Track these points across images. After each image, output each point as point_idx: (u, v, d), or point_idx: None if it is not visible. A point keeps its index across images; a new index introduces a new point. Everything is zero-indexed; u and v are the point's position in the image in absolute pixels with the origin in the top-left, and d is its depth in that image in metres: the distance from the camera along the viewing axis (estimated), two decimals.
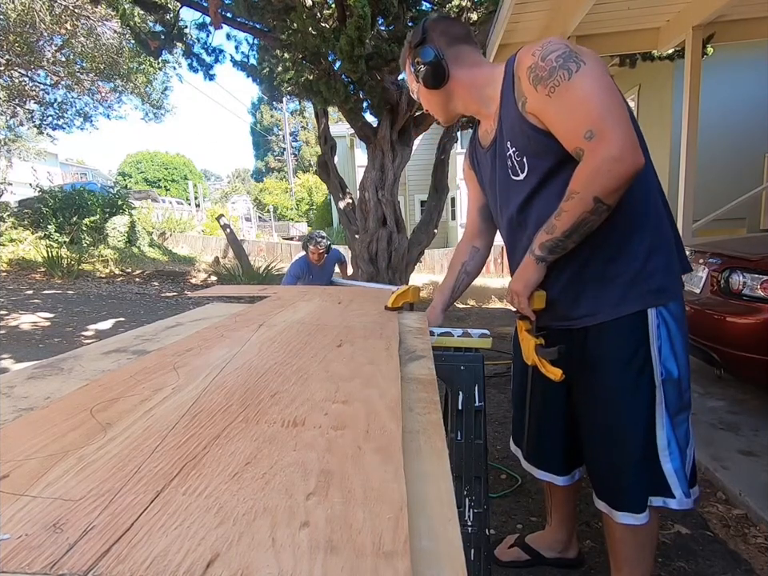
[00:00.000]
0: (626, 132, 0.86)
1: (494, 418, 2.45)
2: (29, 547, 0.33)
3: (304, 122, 31.04)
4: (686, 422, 1.05)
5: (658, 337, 1.00)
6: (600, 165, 0.87)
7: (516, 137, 1.02)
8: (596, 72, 0.89)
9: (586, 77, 0.88)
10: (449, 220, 15.19)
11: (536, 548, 1.43)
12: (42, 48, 9.29)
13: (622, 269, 1.00)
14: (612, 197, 0.89)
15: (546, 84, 0.91)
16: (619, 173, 0.86)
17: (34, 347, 3.78)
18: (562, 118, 0.92)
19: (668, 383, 1.01)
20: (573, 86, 0.88)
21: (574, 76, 0.88)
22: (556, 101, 0.91)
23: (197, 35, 5.44)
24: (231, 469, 0.45)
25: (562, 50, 0.90)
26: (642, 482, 1.04)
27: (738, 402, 2.40)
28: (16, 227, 8.54)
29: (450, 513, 0.40)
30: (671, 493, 1.02)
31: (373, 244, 5.23)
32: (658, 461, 1.02)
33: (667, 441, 1.01)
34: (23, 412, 0.60)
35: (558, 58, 0.90)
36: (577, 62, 0.89)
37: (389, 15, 4.23)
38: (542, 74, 0.91)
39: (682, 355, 1.02)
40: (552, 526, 1.42)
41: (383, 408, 0.59)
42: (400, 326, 1.06)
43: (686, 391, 1.04)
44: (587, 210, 0.90)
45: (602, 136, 0.86)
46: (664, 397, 1.01)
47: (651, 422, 1.02)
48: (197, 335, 0.99)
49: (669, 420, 1.01)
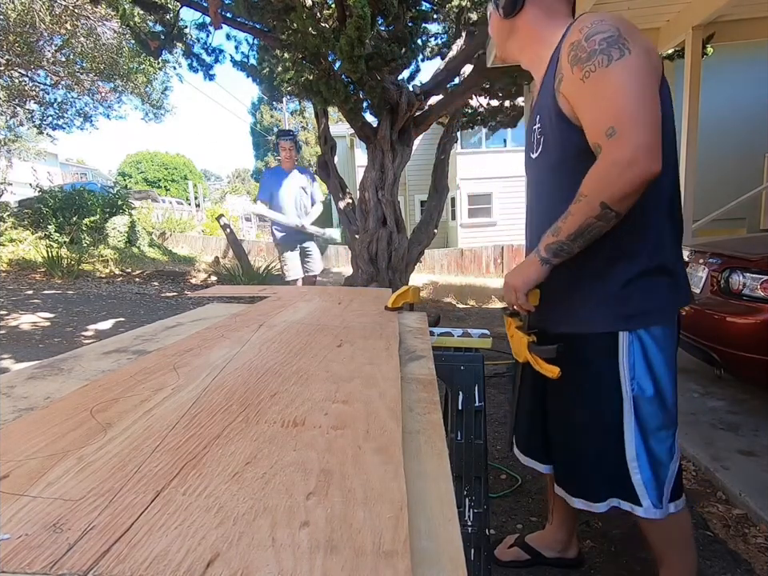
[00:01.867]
0: (647, 135, 0.80)
1: (494, 418, 2.45)
2: (29, 547, 0.33)
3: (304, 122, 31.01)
4: (671, 438, 1.02)
5: (630, 354, 0.97)
6: (611, 167, 0.82)
7: (543, 113, 0.97)
8: (638, 64, 0.82)
9: (625, 68, 0.82)
10: (449, 220, 15.20)
11: (536, 547, 1.43)
12: (42, 48, 9.29)
13: (599, 290, 0.98)
14: (620, 204, 0.84)
15: (582, 66, 0.85)
16: (629, 178, 0.81)
17: (34, 347, 3.78)
18: (590, 107, 0.86)
19: (641, 399, 0.98)
20: (608, 75, 0.82)
21: (613, 64, 0.82)
22: (588, 87, 0.85)
23: (197, 35, 5.44)
24: (231, 469, 0.45)
25: (611, 33, 0.83)
26: (598, 473, 1.05)
27: (738, 401, 2.40)
28: (16, 227, 8.54)
29: (450, 513, 0.40)
30: (638, 501, 1.02)
31: (373, 244, 5.23)
32: (627, 470, 1.01)
33: (635, 453, 1.00)
34: (23, 412, 0.60)
35: (602, 40, 0.83)
36: (621, 49, 0.82)
37: (389, 15, 4.23)
38: (581, 55, 0.85)
39: (664, 375, 0.99)
40: (552, 525, 1.42)
41: (383, 408, 0.59)
42: (400, 326, 1.06)
43: (670, 409, 1.01)
44: (593, 215, 0.86)
45: (621, 135, 0.81)
46: (634, 411, 0.99)
47: (615, 431, 1.00)
48: (197, 335, 0.99)
49: (639, 434, 1.00)
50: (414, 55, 4.69)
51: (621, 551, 1.46)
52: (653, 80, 0.84)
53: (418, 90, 5.04)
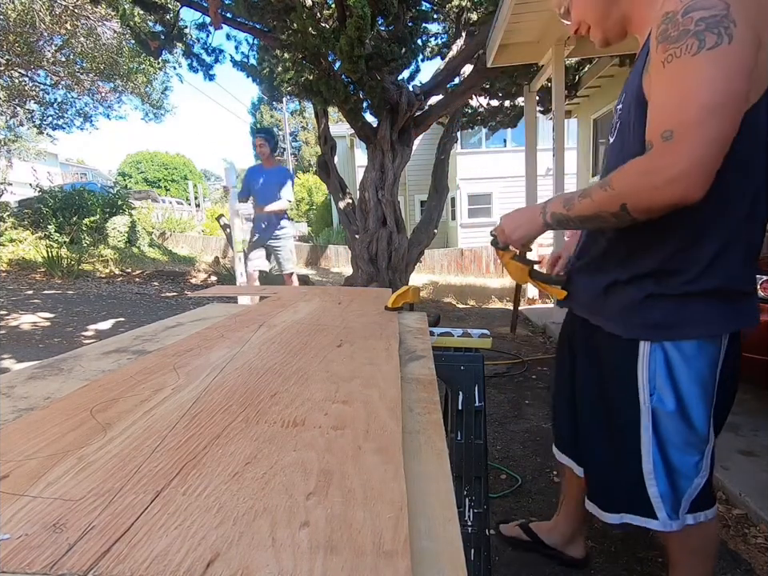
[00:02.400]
0: (705, 155, 0.68)
1: (494, 418, 2.45)
2: (29, 547, 0.33)
3: (304, 122, 31.02)
4: (698, 455, 0.95)
5: (649, 363, 0.91)
6: (650, 174, 0.72)
7: (627, 95, 0.85)
8: (734, 59, 0.67)
9: (715, 62, 0.67)
10: (449, 220, 15.19)
11: (538, 533, 1.44)
12: (42, 48, 9.29)
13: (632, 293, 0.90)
14: (641, 214, 0.77)
15: (667, 47, 0.71)
16: (663, 195, 0.72)
17: (34, 347, 3.78)
18: (660, 97, 0.74)
19: (661, 413, 0.92)
20: (692, 66, 0.68)
21: (703, 53, 0.67)
22: (667, 73, 0.71)
23: (197, 35, 5.45)
24: (231, 469, 0.45)
25: (716, 12, 0.67)
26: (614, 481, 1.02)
27: (738, 402, 2.39)
28: (16, 227, 8.53)
29: (450, 513, 0.40)
30: (654, 514, 0.97)
31: (373, 244, 5.23)
32: (643, 482, 0.97)
33: (653, 465, 0.95)
34: (23, 412, 0.60)
35: (702, 19, 0.67)
36: (720, 34, 0.66)
37: (389, 15, 4.23)
38: (671, 33, 0.70)
39: (691, 393, 0.90)
40: (559, 516, 1.42)
41: (383, 408, 0.59)
42: (400, 326, 1.06)
43: (699, 428, 0.92)
44: (610, 210, 0.79)
45: (678, 145, 0.69)
46: (653, 424, 0.93)
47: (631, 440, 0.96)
48: (197, 335, 0.99)
49: (657, 447, 0.94)
50: (414, 55, 4.70)
51: (621, 551, 1.46)
52: (746, 80, 0.69)
53: (417, 90, 5.04)
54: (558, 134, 4.24)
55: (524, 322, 4.83)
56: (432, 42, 6.09)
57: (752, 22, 0.68)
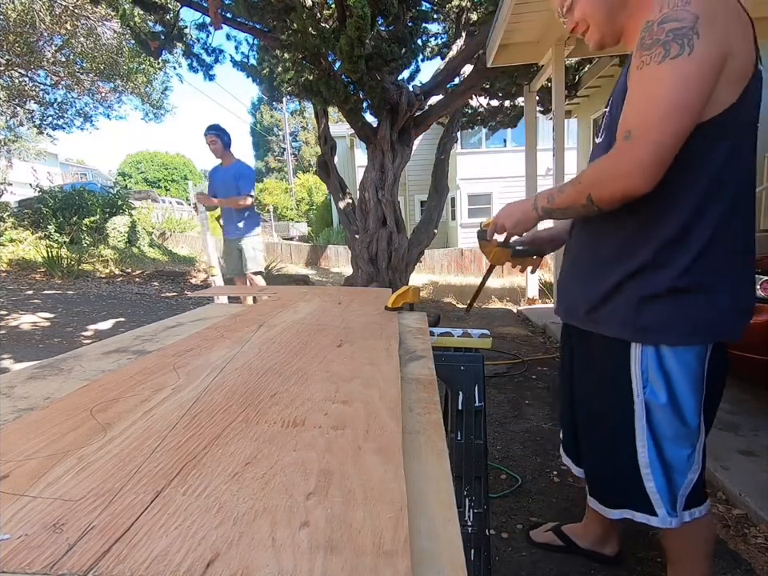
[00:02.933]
0: (652, 153, 0.77)
1: (494, 418, 2.45)
2: (29, 547, 0.33)
3: (304, 122, 31.03)
4: (690, 449, 0.98)
5: (642, 360, 0.94)
6: (609, 170, 0.83)
7: (616, 97, 0.91)
8: (692, 70, 0.74)
9: (674, 70, 0.75)
10: (449, 220, 15.19)
11: (570, 536, 1.44)
12: (42, 48, 9.29)
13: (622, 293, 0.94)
14: (603, 204, 0.87)
15: (641, 54, 0.79)
16: (617, 187, 0.83)
17: (34, 347, 3.78)
18: (629, 99, 0.82)
19: (654, 405, 0.95)
20: (655, 74, 0.77)
21: (665, 63, 0.75)
22: (638, 79, 0.80)
23: (197, 35, 5.45)
24: (231, 469, 0.45)
25: (684, 23, 0.74)
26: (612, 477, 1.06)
27: (738, 402, 2.40)
28: (16, 227, 8.53)
29: (450, 513, 0.40)
30: (653, 511, 1.00)
31: (373, 244, 5.23)
32: (640, 477, 0.99)
33: (649, 460, 0.98)
34: (23, 412, 0.60)
35: (671, 30, 0.75)
36: (683, 45, 0.74)
37: (389, 15, 4.23)
38: (646, 41, 0.78)
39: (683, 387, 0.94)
40: (588, 518, 1.42)
41: (383, 408, 0.59)
42: (400, 326, 1.06)
43: (689, 422, 0.95)
44: (580, 202, 0.91)
45: (635, 144, 0.78)
46: (646, 416, 0.96)
47: (627, 435, 0.99)
48: (197, 335, 0.99)
49: (652, 440, 0.97)
50: (414, 55, 4.70)
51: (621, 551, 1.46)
52: (701, 90, 0.75)
53: (417, 90, 5.04)
54: (557, 134, 4.24)
55: (524, 322, 4.82)
56: (432, 42, 6.09)
57: (719, 34, 0.75)
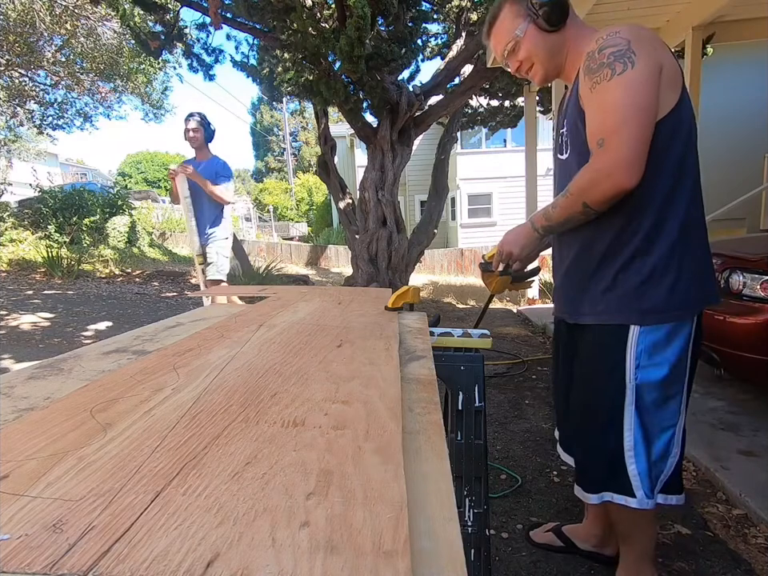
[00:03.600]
0: (627, 151, 0.88)
1: (494, 418, 2.45)
2: (29, 547, 0.33)
3: (304, 122, 31.03)
4: (670, 431, 1.06)
5: (638, 344, 1.02)
6: (593, 175, 0.93)
7: (570, 116, 1.04)
8: (638, 79, 0.88)
9: (623, 83, 0.88)
10: (449, 220, 15.19)
11: (570, 537, 1.45)
12: (42, 48, 9.28)
13: (620, 283, 1.03)
14: (599, 206, 0.96)
15: (591, 77, 0.93)
16: (605, 188, 0.92)
17: (34, 347, 3.78)
18: (592, 116, 0.95)
19: (644, 389, 1.03)
20: (608, 89, 0.90)
21: (615, 78, 0.89)
22: (594, 97, 0.93)
23: (197, 35, 5.46)
24: (231, 469, 0.45)
25: (621, 47, 0.89)
26: (596, 462, 1.11)
27: (738, 402, 2.40)
28: (16, 227, 8.52)
29: (450, 513, 0.40)
30: (632, 492, 1.05)
31: (373, 244, 5.23)
32: (623, 460, 1.05)
33: (633, 442, 1.04)
34: (23, 412, 0.60)
35: (611, 54, 0.89)
36: (625, 63, 0.88)
37: (389, 15, 4.23)
38: (592, 66, 0.93)
39: (672, 368, 1.02)
40: (588, 519, 1.43)
41: (383, 408, 0.59)
42: (400, 326, 1.06)
43: (672, 403, 1.05)
44: (577, 210, 0.99)
45: (608, 148, 0.90)
46: (636, 400, 1.03)
47: (616, 419, 1.05)
48: (197, 335, 0.99)
49: (639, 424, 1.04)
50: (414, 55, 4.70)
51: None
52: (650, 93, 0.89)
53: (417, 90, 5.04)
54: None
55: (524, 322, 4.82)
56: (432, 42, 6.10)
57: (649, 49, 0.90)
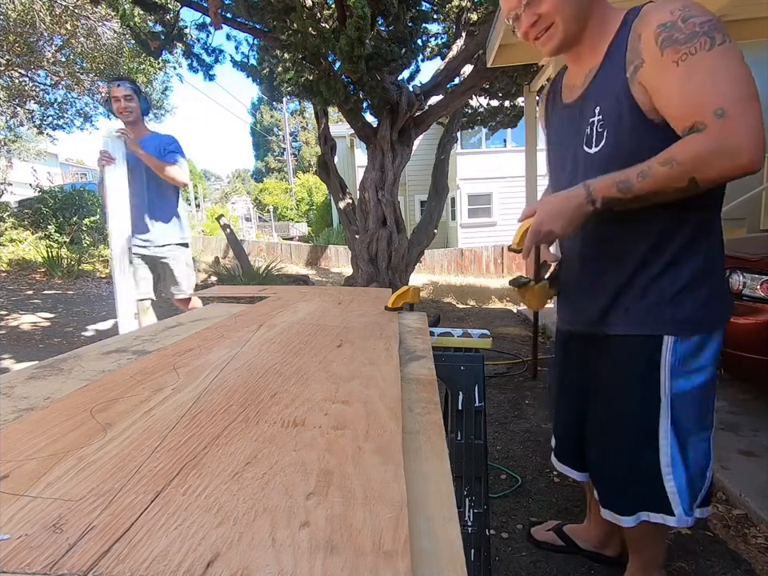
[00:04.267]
0: (758, 125, 0.76)
1: (494, 418, 2.45)
2: (29, 547, 0.33)
3: (304, 122, 31.04)
4: (707, 442, 1.00)
5: (672, 353, 0.95)
6: (716, 148, 0.77)
7: (609, 104, 0.90)
8: (739, 55, 0.79)
9: (729, 52, 0.78)
10: (449, 220, 15.19)
11: (572, 537, 1.44)
12: (42, 48, 9.28)
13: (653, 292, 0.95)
14: (710, 184, 0.81)
15: (678, 48, 0.79)
16: (732, 165, 0.77)
17: (34, 347, 3.78)
18: (686, 88, 0.80)
19: (678, 400, 0.96)
20: (713, 57, 0.78)
21: (717, 48, 0.78)
22: (685, 69, 0.79)
23: (197, 35, 5.46)
24: (231, 469, 0.45)
25: (708, 18, 0.79)
26: (630, 482, 1.03)
27: (737, 402, 2.40)
28: (16, 227, 8.53)
29: (450, 513, 0.40)
30: (671, 510, 0.99)
31: (373, 244, 5.23)
32: (660, 477, 0.98)
33: (670, 457, 0.97)
34: (23, 412, 0.60)
35: (702, 23, 0.79)
36: (722, 36, 0.78)
37: (389, 15, 4.23)
38: (678, 36, 0.79)
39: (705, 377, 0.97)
40: (590, 520, 1.42)
41: (383, 408, 0.59)
42: (400, 326, 1.06)
43: (707, 412, 0.99)
44: (678, 185, 0.81)
45: (736, 120, 0.76)
46: (671, 412, 0.96)
47: (651, 435, 0.98)
48: (197, 335, 0.99)
49: (675, 438, 0.97)
50: (414, 55, 4.70)
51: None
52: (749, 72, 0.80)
53: (417, 90, 5.05)
54: None
55: (524, 322, 4.82)
56: (432, 42, 6.10)
57: None
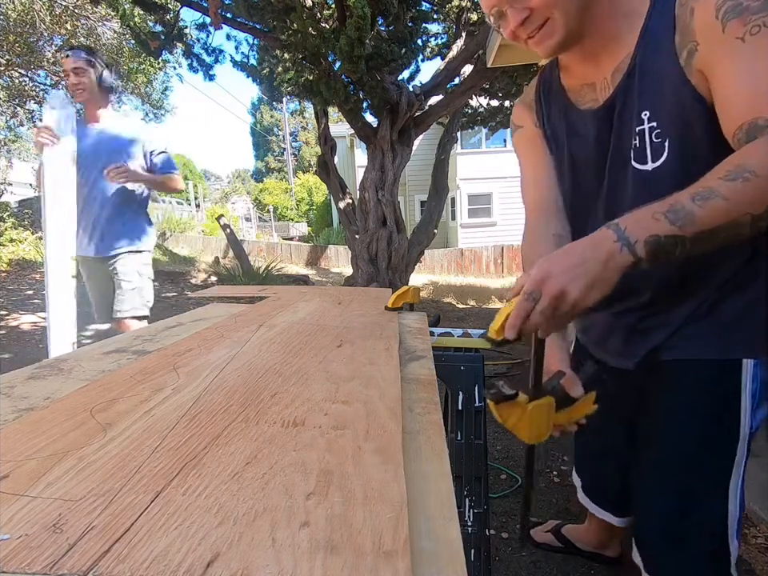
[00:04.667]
0: None
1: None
2: (29, 547, 0.33)
3: (304, 122, 31.05)
4: None
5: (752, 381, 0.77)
6: None
7: (663, 106, 0.70)
8: None
9: None
10: (449, 220, 15.20)
11: (570, 539, 1.43)
12: (42, 48, 9.28)
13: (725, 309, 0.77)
14: None
15: (748, 19, 0.61)
16: None
17: (34, 347, 3.78)
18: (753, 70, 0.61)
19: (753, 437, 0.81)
20: None
21: None
22: (753, 45, 0.60)
23: (197, 35, 5.46)
24: (231, 469, 0.45)
25: None
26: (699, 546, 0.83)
27: None
28: (16, 227, 8.53)
29: (450, 513, 0.40)
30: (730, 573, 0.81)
31: (373, 244, 5.24)
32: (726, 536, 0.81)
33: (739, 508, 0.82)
34: (23, 412, 0.60)
35: None
36: None
37: (389, 15, 4.23)
38: (747, 4, 0.61)
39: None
40: (591, 525, 1.40)
41: (383, 408, 0.59)
42: (400, 326, 1.06)
43: None
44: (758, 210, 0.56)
45: None
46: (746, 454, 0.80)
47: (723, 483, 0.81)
48: (197, 335, 0.99)
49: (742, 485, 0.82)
50: (414, 55, 4.70)
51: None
52: None
53: (417, 91, 5.05)
54: None
55: None
56: (432, 42, 6.10)
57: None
